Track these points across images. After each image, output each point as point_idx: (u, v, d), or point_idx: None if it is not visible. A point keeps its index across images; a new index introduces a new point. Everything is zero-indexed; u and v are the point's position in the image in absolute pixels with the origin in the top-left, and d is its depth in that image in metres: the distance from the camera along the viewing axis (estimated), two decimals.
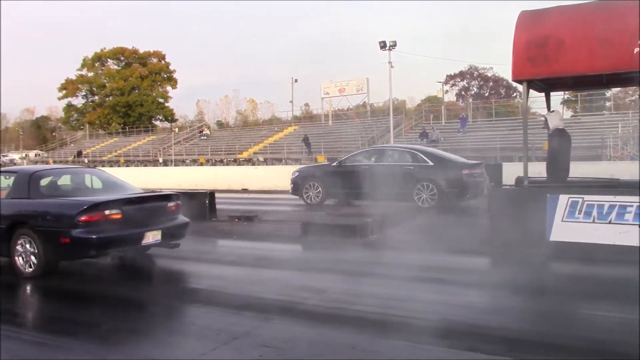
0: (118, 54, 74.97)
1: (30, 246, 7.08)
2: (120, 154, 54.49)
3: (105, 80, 74.09)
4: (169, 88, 75.93)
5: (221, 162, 43.76)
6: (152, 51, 75.82)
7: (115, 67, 75.72)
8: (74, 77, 74.94)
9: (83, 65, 75.06)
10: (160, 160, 48.02)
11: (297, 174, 15.90)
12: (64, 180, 8.35)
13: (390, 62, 34.74)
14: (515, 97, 61.97)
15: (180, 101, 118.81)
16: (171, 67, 75.55)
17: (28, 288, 6.82)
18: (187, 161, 46.25)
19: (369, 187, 13.55)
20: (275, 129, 52.76)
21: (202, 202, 12.46)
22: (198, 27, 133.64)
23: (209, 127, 65.68)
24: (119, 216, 7.01)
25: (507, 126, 37.33)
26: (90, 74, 75.05)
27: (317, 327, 4.92)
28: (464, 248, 8.23)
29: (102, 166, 46.50)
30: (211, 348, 4.47)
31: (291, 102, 65.11)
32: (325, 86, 52.31)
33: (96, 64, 75.20)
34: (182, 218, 8.20)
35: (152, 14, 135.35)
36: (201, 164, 42.29)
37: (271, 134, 50.37)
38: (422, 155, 13.83)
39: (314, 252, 8.60)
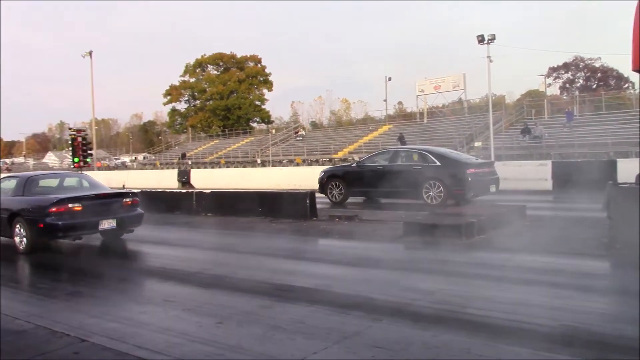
0: (217, 59, 78.23)
1: (22, 230, 9.67)
2: (220, 156, 56.75)
3: (205, 85, 77.55)
4: (265, 91, 78.19)
5: (317, 162, 44.33)
6: (248, 55, 78.46)
7: (215, 72, 79.05)
8: (177, 84, 79.12)
9: (185, 72, 79.09)
10: (259, 161, 49.46)
11: (322, 174, 16.83)
12: (55, 182, 11.11)
13: (489, 57, 33.54)
14: (627, 87, 57.74)
15: (276, 103, 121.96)
16: (267, 70, 77.79)
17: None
18: (283, 161, 47.32)
19: (383, 186, 14.69)
20: (369, 128, 52.69)
21: (303, 202, 12.68)
22: (292, 30, 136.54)
23: (304, 128, 66.83)
24: (79, 208, 9.53)
25: (619, 120, 34.84)
26: (192, 80, 78.91)
27: (428, 330, 4.81)
28: (579, 250, 7.75)
29: (205, 167, 48.70)
30: (322, 347, 4.51)
31: (385, 100, 64.61)
32: (420, 83, 51.49)
33: (197, 70, 78.93)
34: (138, 211, 10.51)
35: (249, 19, 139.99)
36: (297, 164, 43.08)
37: (365, 134, 50.36)
38: (430, 156, 14.71)
39: (418, 253, 8.45)
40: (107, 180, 34.07)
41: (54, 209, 9.36)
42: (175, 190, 17.67)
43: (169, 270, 7.91)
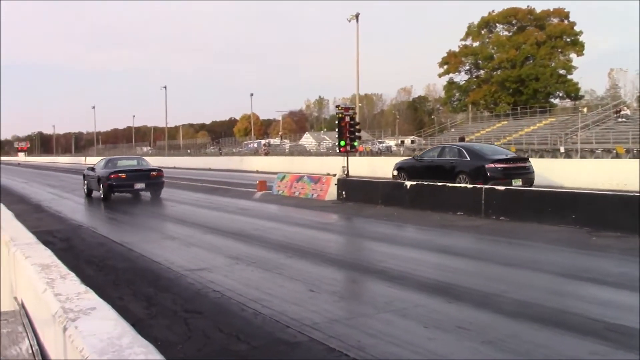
0: (509, 16, 76.78)
1: (101, 186, 22.82)
2: (510, 141, 55.66)
3: (493, 51, 76.83)
4: (572, 56, 74.18)
5: None
6: (551, 10, 75.27)
7: (506, 33, 77.71)
8: (456, 50, 79.90)
9: (468, 34, 79.40)
10: (562, 149, 47.16)
11: (395, 165, 23.43)
12: (127, 162, 24.80)
13: None
14: None
15: (587, 72, 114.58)
16: (576, 28, 73.60)
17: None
18: (597, 151, 44.28)
19: (431, 177, 18.92)
20: None
21: (637, 208, 11.56)
22: None
23: (627, 106, 61.62)
24: (124, 176, 22.43)
25: None
26: (476, 44, 78.81)
27: None
28: None
29: None
30: None
31: None
32: None
33: (483, 32, 78.56)
34: (160, 180, 23.08)
35: None
36: (618, 156, 39.89)
37: None
38: (464, 151, 20.33)
39: None
40: (371, 167, 36.10)
41: (112, 176, 22.21)
42: (458, 185, 17.78)
43: (456, 287, 7.93)
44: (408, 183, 18.13)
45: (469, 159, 19.84)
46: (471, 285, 8.10)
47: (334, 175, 23.21)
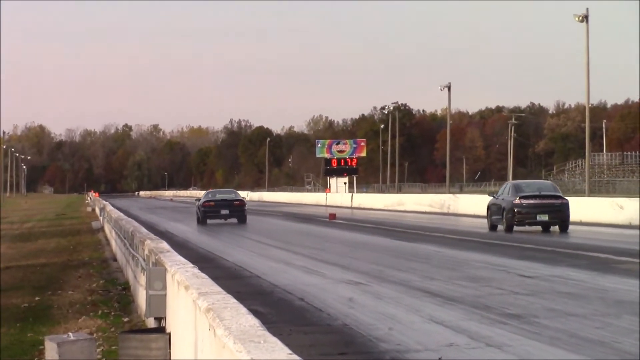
0: None
1: (198, 213, 34.38)
2: None
3: None
4: None
5: None
6: None
7: None
8: None
9: None
10: None
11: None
12: (222, 195, 35.78)
13: None
14: None
15: None
16: None
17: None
18: None
19: (496, 214, 22.65)
20: None
21: None
22: None
23: None
24: (213, 204, 33.04)
25: None
26: None
27: None
28: None
29: None
30: None
31: None
32: None
33: None
34: (242, 208, 33.19)
35: None
36: None
37: None
38: (511, 188, 23.05)
39: None
40: None
41: (205, 204, 32.53)
42: None
43: None
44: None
45: (509, 194, 22.13)
46: None
47: None
